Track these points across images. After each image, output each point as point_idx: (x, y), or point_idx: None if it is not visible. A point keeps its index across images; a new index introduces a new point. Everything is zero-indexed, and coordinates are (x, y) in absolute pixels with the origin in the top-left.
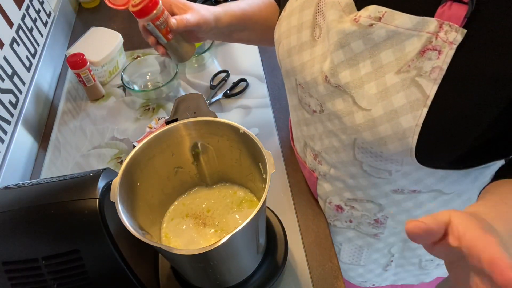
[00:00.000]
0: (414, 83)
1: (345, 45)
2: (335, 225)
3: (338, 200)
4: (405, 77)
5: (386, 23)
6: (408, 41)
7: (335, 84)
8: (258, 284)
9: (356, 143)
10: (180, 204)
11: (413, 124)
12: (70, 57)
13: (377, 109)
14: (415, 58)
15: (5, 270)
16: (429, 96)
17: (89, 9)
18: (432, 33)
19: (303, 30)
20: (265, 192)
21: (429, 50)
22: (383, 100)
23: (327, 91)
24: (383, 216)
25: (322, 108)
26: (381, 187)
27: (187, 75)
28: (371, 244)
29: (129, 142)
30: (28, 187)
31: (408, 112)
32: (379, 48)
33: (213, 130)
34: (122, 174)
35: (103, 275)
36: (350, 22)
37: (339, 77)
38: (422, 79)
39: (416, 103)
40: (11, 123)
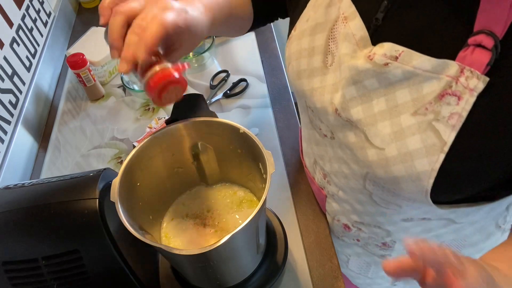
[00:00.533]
0: (431, 127)
1: (358, 82)
2: (343, 240)
3: (346, 220)
4: (422, 120)
5: (403, 63)
6: (426, 82)
7: (346, 118)
8: (258, 284)
9: (367, 176)
10: (180, 204)
11: (429, 168)
12: (70, 57)
13: (390, 149)
14: (433, 101)
15: (5, 270)
16: (446, 142)
17: (89, 9)
18: (452, 77)
19: (314, 55)
20: (265, 192)
21: (448, 95)
22: (398, 141)
23: (338, 123)
24: (391, 240)
25: (333, 135)
26: (390, 216)
27: (187, 75)
28: (378, 263)
29: (129, 142)
30: (28, 187)
31: (424, 156)
32: (394, 87)
33: (213, 130)
34: (122, 174)
35: (103, 275)
36: (364, 59)
37: (350, 112)
38: (439, 124)
39: (433, 148)
40: (11, 123)
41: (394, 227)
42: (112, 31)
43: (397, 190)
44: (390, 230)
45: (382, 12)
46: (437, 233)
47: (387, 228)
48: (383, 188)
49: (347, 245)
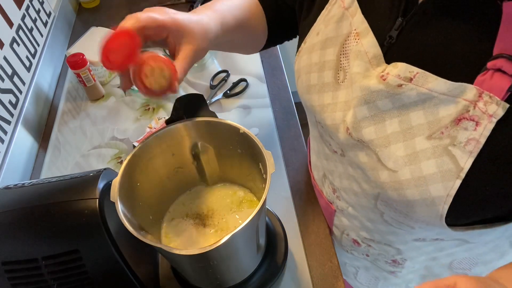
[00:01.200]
0: (447, 152)
1: (370, 102)
2: (352, 253)
3: (355, 235)
4: (437, 144)
5: (418, 85)
6: (442, 105)
7: (357, 138)
8: (258, 284)
9: (379, 196)
10: (180, 204)
11: (444, 194)
12: (70, 57)
13: (404, 172)
14: (449, 125)
15: (5, 270)
16: (463, 168)
17: (89, 9)
18: (470, 101)
19: (325, 70)
20: (265, 192)
21: (465, 120)
22: (411, 164)
23: (348, 142)
24: (402, 258)
25: (343, 152)
26: (401, 236)
27: (187, 75)
28: (387, 279)
29: (129, 142)
30: (28, 187)
31: (439, 181)
32: (408, 109)
33: (213, 130)
34: (122, 174)
35: (103, 275)
36: (377, 79)
37: (362, 133)
38: (456, 150)
39: (449, 173)
40: (11, 123)
41: (405, 246)
42: None
43: (410, 213)
44: (400, 248)
45: (397, 29)
46: (450, 252)
47: (397, 247)
48: (396, 210)
49: (356, 258)
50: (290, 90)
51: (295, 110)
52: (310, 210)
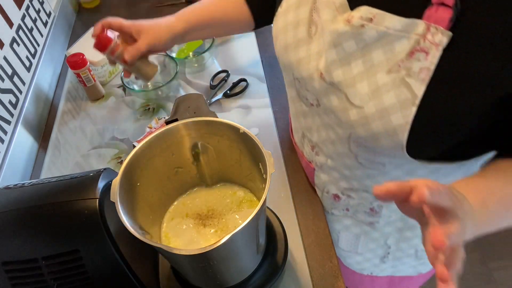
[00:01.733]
0: (404, 83)
1: (338, 45)
2: (333, 213)
3: (335, 189)
4: (395, 77)
5: (377, 24)
6: (398, 42)
7: (329, 81)
8: (258, 284)
9: (351, 137)
10: (180, 204)
11: (403, 122)
12: (70, 57)
13: (369, 107)
14: (404, 58)
15: (5, 270)
16: (417, 95)
17: (89, 9)
18: (420, 35)
19: (299, 27)
20: (265, 192)
21: (417, 52)
22: (375, 98)
23: (322, 88)
24: (378, 205)
25: (318, 102)
26: (375, 178)
27: (187, 75)
28: (367, 233)
29: (129, 142)
30: (28, 187)
31: (398, 110)
32: (370, 48)
33: (213, 130)
34: (122, 174)
35: (103, 275)
36: (343, 23)
37: (332, 75)
38: (411, 79)
39: (406, 102)
40: (11, 123)
41: None
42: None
43: (378, 148)
44: None
45: None
46: None
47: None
48: (366, 148)
49: (336, 219)
50: None
51: None
52: (310, 210)
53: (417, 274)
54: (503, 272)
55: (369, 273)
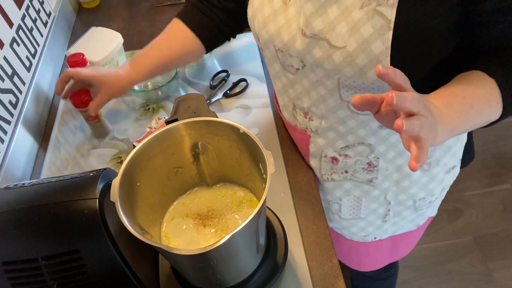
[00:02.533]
0: (376, 12)
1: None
2: (333, 178)
3: (332, 151)
4: (368, 10)
5: None
6: None
7: (310, 34)
8: (258, 284)
9: (340, 82)
10: (180, 204)
11: (383, 47)
12: (70, 57)
13: (351, 44)
14: None
15: (5, 270)
16: (391, 19)
17: (89, 9)
18: None
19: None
20: (265, 192)
21: None
22: (354, 34)
23: (304, 45)
24: (375, 157)
25: (303, 63)
26: (368, 125)
27: (187, 75)
28: (368, 192)
29: (129, 142)
30: (28, 187)
31: (377, 38)
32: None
33: (213, 130)
34: (122, 174)
35: (103, 275)
36: None
37: (313, 26)
38: (382, 7)
39: (382, 29)
40: (11, 123)
41: (375, 138)
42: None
43: (366, 82)
44: (371, 143)
45: None
46: None
47: (369, 142)
48: (355, 89)
49: (337, 185)
50: None
51: None
52: (310, 210)
53: (416, 227)
54: (503, 272)
55: (372, 239)
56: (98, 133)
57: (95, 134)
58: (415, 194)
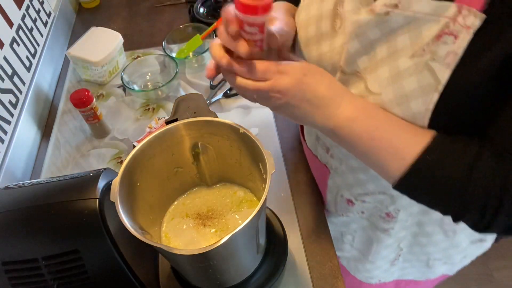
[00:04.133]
0: (427, 67)
1: (361, 35)
2: (348, 215)
3: (349, 194)
4: (419, 61)
5: (403, 10)
6: (425, 25)
7: (350, 71)
8: (258, 284)
9: None
10: (180, 204)
11: (423, 109)
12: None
13: (387, 93)
14: (430, 42)
15: (5, 270)
16: (441, 81)
17: (89, 9)
18: (450, 18)
19: (322, 20)
20: (265, 192)
21: (445, 35)
22: (394, 83)
23: (342, 81)
24: (395, 209)
25: None
26: None
27: (187, 75)
28: (380, 240)
29: (129, 142)
30: (28, 187)
31: (419, 96)
32: (396, 33)
33: (213, 130)
34: (122, 174)
35: (103, 275)
36: (366, 13)
37: (357, 63)
38: (435, 64)
39: (428, 87)
40: (11, 123)
41: None
42: None
43: None
44: (394, 194)
45: None
46: None
47: (391, 193)
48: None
49: (352, 220)
50: None
51: None
52: (310, 210)
53: (425, 279)
54: (503, 272)
55: (377, 281)
56: (98, 133)
57: (95, 134)
58: (431, 253)
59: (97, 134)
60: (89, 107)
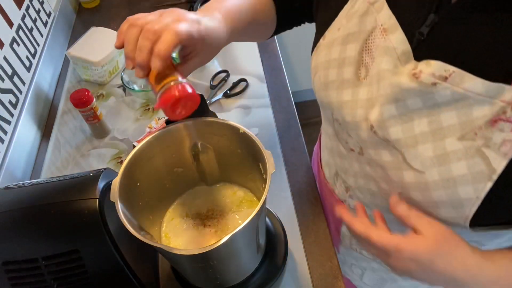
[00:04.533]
0: (479, 153)
1: (400, 100)
2: (361, 252)
3: None
4: (469, 145)
5: (453, 85)
6: (476, 106)
7: (382, 137)
8: (258, 284)
9: (400, 196)
10: (180, 204)
11: (473, 196)
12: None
13: (431, 173)
14: (483, 126)
15: (5, 270)
16: (496, 170)
17: (89, 9)
18: (507, 103)
19: (345, 66)
20: (265, 192)
21: (502, 121)
22: (440, 165)
23: (371, 140)
24: None
25: (361, 151)
26: None
27: None
28: (395, 280)
29: (129, 142)
30: (28, 187)
31: (469, 183)
32: (440, 109)
33: (213, 130)
34: (122, 174)
35: (103, 275)
36: (408, 77)
37: (388, 131)
38: (489, 151)
39: (480, 175)
40: (11, 123)
41: None
42: (128, 42)
43: (434, 214)
44: None
45: (428, 26)
46: None
47: None
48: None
49: (364, 259)
50: (290, 90)
51: (295, 110)
52: (310, 210)
53: None
54: None
55: None
56: (98, 133)
57: (95, 134)
58: None
59: (97, 134)
60: (89, 107)
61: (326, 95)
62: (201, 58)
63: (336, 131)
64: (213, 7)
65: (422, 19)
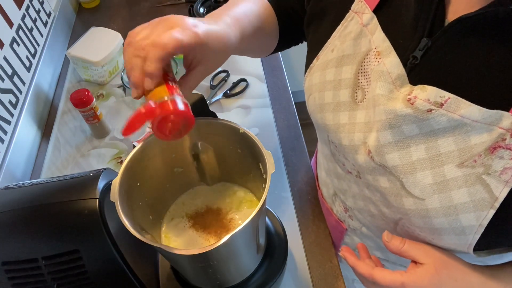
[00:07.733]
0: (480, 181)
1: (395, 127)
2: None
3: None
4: (470, 173)
5: (449, 111)
6: (474, 133)
7: (379, 163)
8: (258, 284)
9: (400, 221)
10: (180, 204)
11: (476, 223)
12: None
13: (432, 201)
14: (482, 153)
15: (5, 270)
16: (498, 198)
17: (89, 9)
18: (506, 130)
19: (341, 88)
20: (265, 192)
21: (501, 148)
22: (441, 193)
23: (368, 165)
24: None
25: (359, 174)
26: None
27: None
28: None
29: (129, 142)
30: (28, 187)
31: (471, 211)
32: (437, 135)
33: (213, 130)
34: (122, 174)
35: (103, 275)
36: (403, 102)
37: (385, 158)
38: (490, 179)
39: (482, 203)
40: (11, 123)
41: None
42: (126, 62)
43: (436, 240)
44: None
45: (421, 50)
46: None
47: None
48: (418, 235)
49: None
50: (290, 90)
51: (295, 110)
52: (310, 210)
53: None
54: None
55: None
56: (98, 133)
57: (95, 134)
58: None
59: (97, 134)
60: (89, 107)
61: (321, 117)
62: (206, 66)
63: (333, 152)
64: (222, 13)
65: (416, 43)
